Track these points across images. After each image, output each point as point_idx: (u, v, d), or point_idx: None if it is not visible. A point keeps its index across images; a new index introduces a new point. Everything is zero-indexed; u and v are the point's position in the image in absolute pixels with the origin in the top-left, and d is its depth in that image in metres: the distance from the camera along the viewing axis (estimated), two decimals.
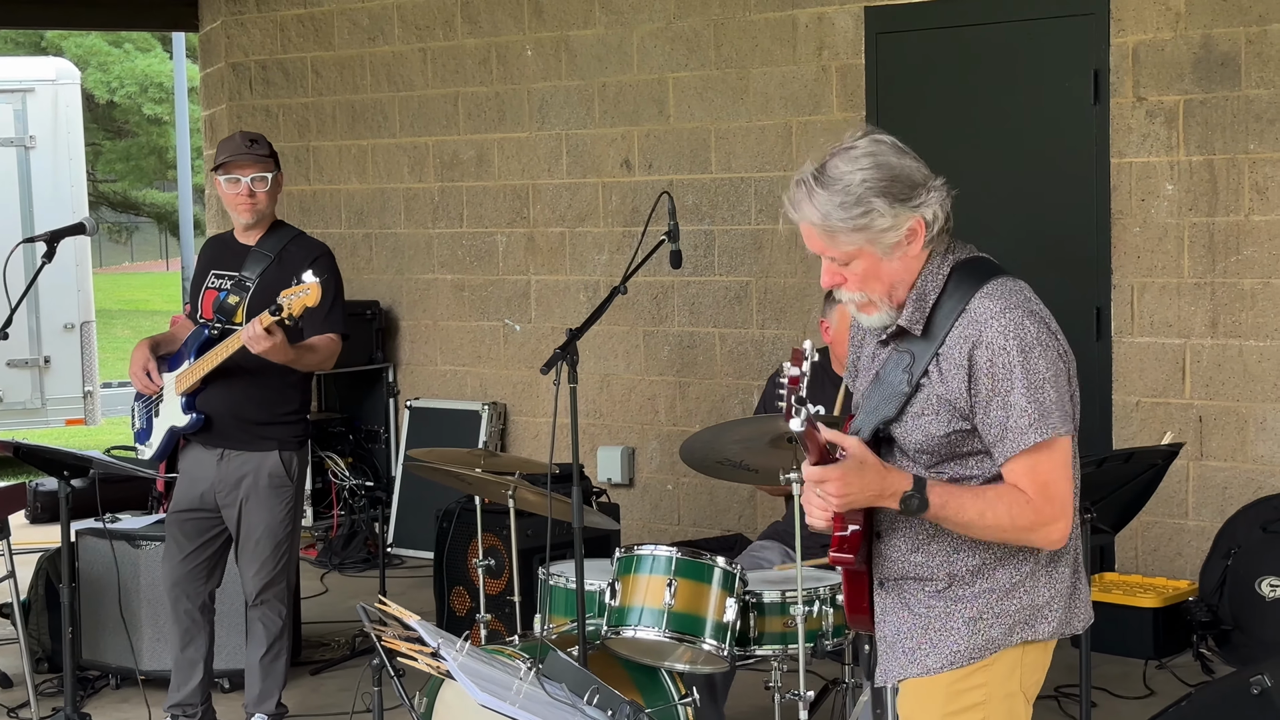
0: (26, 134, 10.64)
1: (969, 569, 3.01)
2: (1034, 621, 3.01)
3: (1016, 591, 3.00)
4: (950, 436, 2.98)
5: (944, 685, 3.01)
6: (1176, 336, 6.69)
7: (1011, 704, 3.03)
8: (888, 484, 2.90)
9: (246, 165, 5.42)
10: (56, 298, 10.26)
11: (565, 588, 4.86)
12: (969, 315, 2.94)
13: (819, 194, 2.95)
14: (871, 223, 2.94)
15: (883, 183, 2.94)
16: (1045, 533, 2.93)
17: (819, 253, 3.03)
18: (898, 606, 3.08)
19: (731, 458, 4.80)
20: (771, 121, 7.72)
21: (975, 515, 2.90)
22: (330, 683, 6.45)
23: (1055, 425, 2.91)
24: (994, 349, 2.91)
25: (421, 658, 2.96)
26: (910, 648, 3.04)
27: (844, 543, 2.99)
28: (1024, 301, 2.97)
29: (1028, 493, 2.91)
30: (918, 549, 3.03)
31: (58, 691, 6.18)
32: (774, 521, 5.51)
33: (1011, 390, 2.90)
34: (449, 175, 8.94)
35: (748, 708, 5.56)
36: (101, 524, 6.08)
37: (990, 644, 3.00)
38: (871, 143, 2.98)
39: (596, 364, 8.23)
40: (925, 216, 2.97)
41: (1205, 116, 6.56)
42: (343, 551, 8.51)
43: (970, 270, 3.01)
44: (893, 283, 3.01)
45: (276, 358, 5.20)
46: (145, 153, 28.08)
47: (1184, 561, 6.72)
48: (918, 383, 2.98)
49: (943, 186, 3.02)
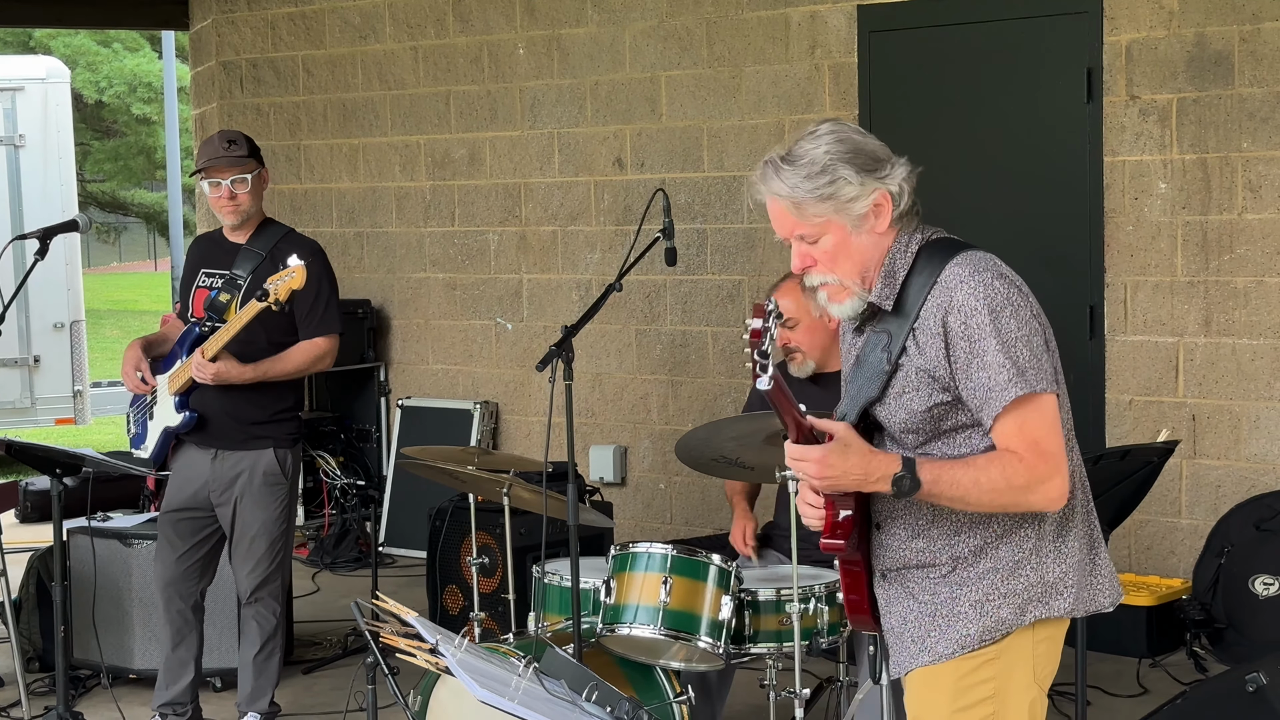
0: (16, 133, 10.60)
1: (971, 550, 2.99)
2: (1047, 598, 2.98)
3: (1022, 569, 2.98)
4: (933, 411, 2.97)
5: (951, 679, 2.99)
6: (1169, 335, 6.69)
7: (1024, 695, 3.01)
8: (873, 467, 2.88)
9: (225, 168, 5.42)
10: (46, 297, 10.23)
11: (559, 586, 4.85)
12: (940, 285, 2.96)
13: (785, 170, 2.99)
14: (838, 191, 2.96)
15: (847, 154, 2.98)
16: (1044, 491, 2.90)
17: (787, 234, 3.04)
18: (902, 596, 3.06)
19: (727, 454, 4.79)
20: (764, 120, 7.71)
21: (970, 484, 2.88)
22: (322, 681, 6.43)
23: (1032, 382, 2.90)
24: (965, 311, 2.92)
25: (420, 654, 2.94)
26: (919, 635, 3.02)
27: (836, 528, 2.95)
28: (993, 266, 2.99)
29: (1019, 452, 2.89)
30: (919, 535, 3.02)
31: (49, 691, 6.16)
32: (766, 523, 5.49)
33: (987, 351, 2.90)
34: (440, 174, 8.92)
35: (742, 706, 5.55)
36: (88, 522, 6.05)
37: (1000, 624, 2.97)
38: (834, 124, 3.04)
39: (589, 363, 8.21)
40: (891, 189, 3.00)
41: (1198, 115, 6.57)
42: (334, 550, 8.50)
43: (939, 247, 3.03)
44: (863, 262, 3.02)
45: (234, 380, 5.24)
46: (134, 153, 28.03)
47: (1177, 560, 6.73)
48: (897, 361, 2.97)
49: (907, 165, 3.02)
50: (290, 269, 5.11)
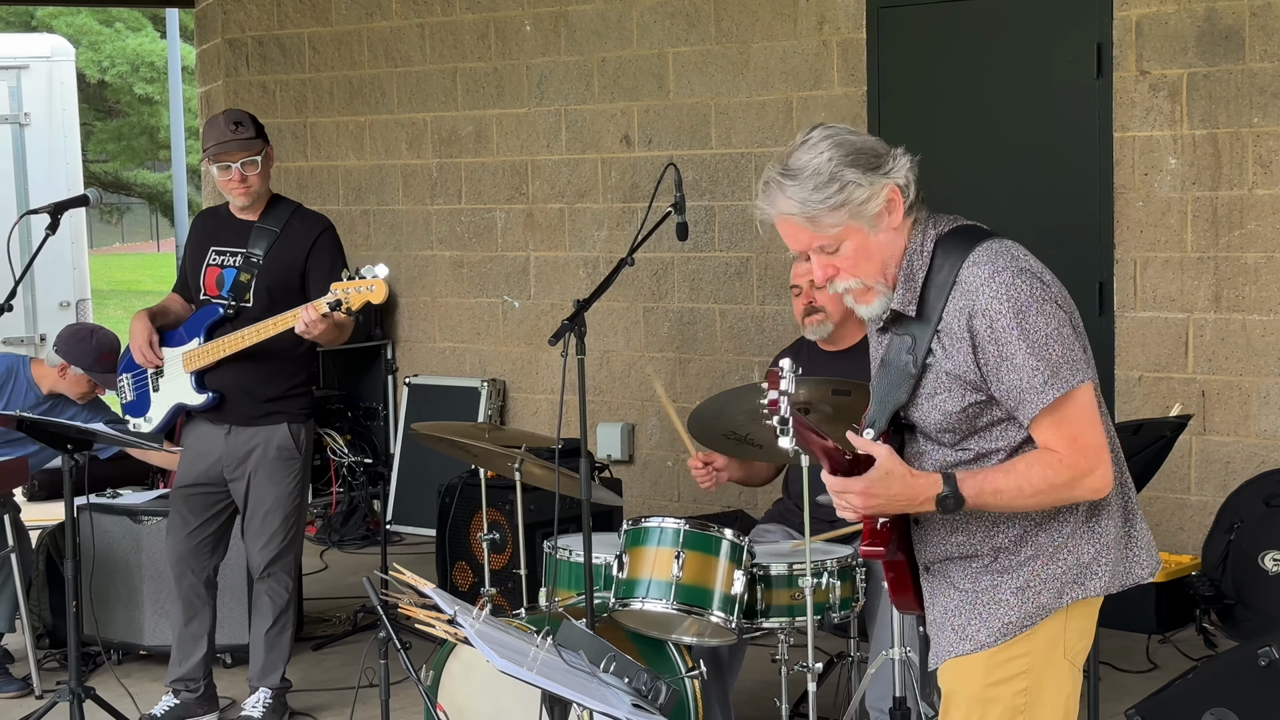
0: (21, 111, 10.58)
1: (1012, 539, 2.99)
2: (1083, 579, 2.99)
3: (1061, 553, 2.98)
4: (967, 410, 2.96)
5: (984, 657, 2.99)
6: (1179, 311, 6.68)
7: (1057, 671, 3.01)
8: (916, 491, 2.89)
9: (234, 152, 5.39)
10: (52, 275, 10.22)
11: (570, 561, 4.85)
12: (960, 287, 2.93)
13: (790, 186, 2.95)
14: (850, 195, 2.93)
15: (848, 157, 2.94)
16: (1087, 484, 2.91)
17: (804, 248, 3.00)
18: (945, 588, 3.06)
19: (738, 430, 4.79)
20: (772, 97, 7.69)
21: (1014, 491, 2.89)
22: (332, 658, 6.44)
23: (1068, 379, 2.89)
24: (990, 315, 2.89)
25: (439, 624, 2.94)
26: (960, 624, 3.03)
27: (875, 537, 2.99)
28: (1011, 261, 2.95)
29: (1058, 450, 2.89)
30: (957, 529, 3.02)
31: (59, 667, 6.18)
32: (777, 500, 5.49)
33: (1016, 354, 2.89)
34: (447, 151, 8.91)
35: (753, 682, 5.56)
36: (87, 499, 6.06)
37: (1041, 610, 2.98)
38: (825, 130, 2.99)
39: (596, 340, 8.20)
40: (898, 182, 2.97)
41: (1209, 90, 6.55)
42: (342, 528, 8.51)
43: (955, 240, 2.99)
44: (883, 259, 2.99)
45: (326, 339, 5.23)
46: (137, 133, 27.98)
47: (1186, 536, 6.72)
48: (924, 363, 2.96)
49: (906, 154, 3.00)
50: (369, 281, 5.07)
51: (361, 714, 5.00)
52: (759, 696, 5.46)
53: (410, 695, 5.30)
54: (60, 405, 6.24)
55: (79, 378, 6.16)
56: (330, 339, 5.28)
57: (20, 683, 6.02)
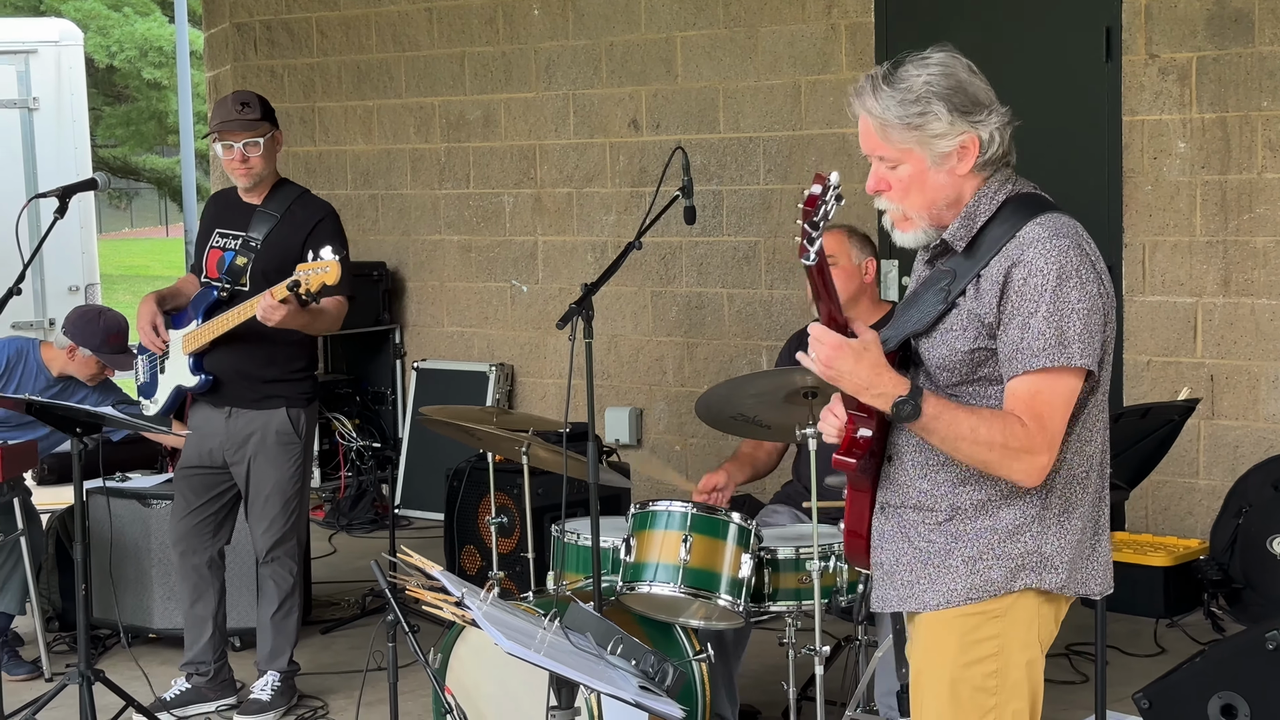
0: (30, 96, 10.56)
1: (973, 503, 2.97)
2: (1041, 569, 2.97)
3: (1021, 535, 2.97)
4: (974, 354, 2.95)
5: (958, 634, 2.99)
6: (1188, 295, 6.67)
7: (1028, 653, 3.01)
8: (879, 381, 2.85)
9: (237, 132, 5.39)
10: (61, 260, 10.20)
11: (578, 545, 4.85)
12: (1017, 240, 2.93)
13: (883, 90, 2.97)
14: (926, 124, 2.94)
15: (946, 90, 2.95)
16: (1028, 462, 2.88)
17: (868, 152, 3.01)
18: (896, 536, 3.05)
19: (746, 412, 4.79)
20: (780, 81, 7.68)
21: (968, 430, 2.86)
22: (341, 641, 6.45)
23: (1073, 355, 2.88)
24: (1031, 269, 2.89)
25: (447, 607, 2.95)
26: (909, 580, 3.02)
27: (853, 445, 2.95)
28: (1074, 234, 2.96)
29: (1023, 418, 2.88)
30: (925, 475, 3.00)
31: (69, 650, 6.20)
32: (785, 483, 5.50)
33: (1036, 313, 2.88)
34: (455, 136, 8.90)
35: (760, 665, 5.56)
36: (103, 483, 6.08)
37: (989, 585, 2.96)
38: (947, 56, 3.01)
39: (604, 325, 8.20)
40: (981, 135, 2.97)
41: (1218, 74, 6.53)
42: (350, 512, 8.52)
43: (1026, 202, 3.00)
44: (934, 199, 3.00)
45: (290, 325, 5.21)
46: (145, 118, 27.97)
47: (1195, 520, 6.72)
48: (954, 300, 2.96)
49: (1007, 114, 3.00)
50: (324, 262, 5.05)
51: (369, 697, 5.01)
52: (766, 680, 5.47)
53: (418, 678, 5.31)
54: (71, 387, 6.25)
55: (88, 359, 6.17)
56: (299, 325, 5.26)
57: (30, 665, 6.03)
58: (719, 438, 7.09)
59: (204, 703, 5.61)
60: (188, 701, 5.57)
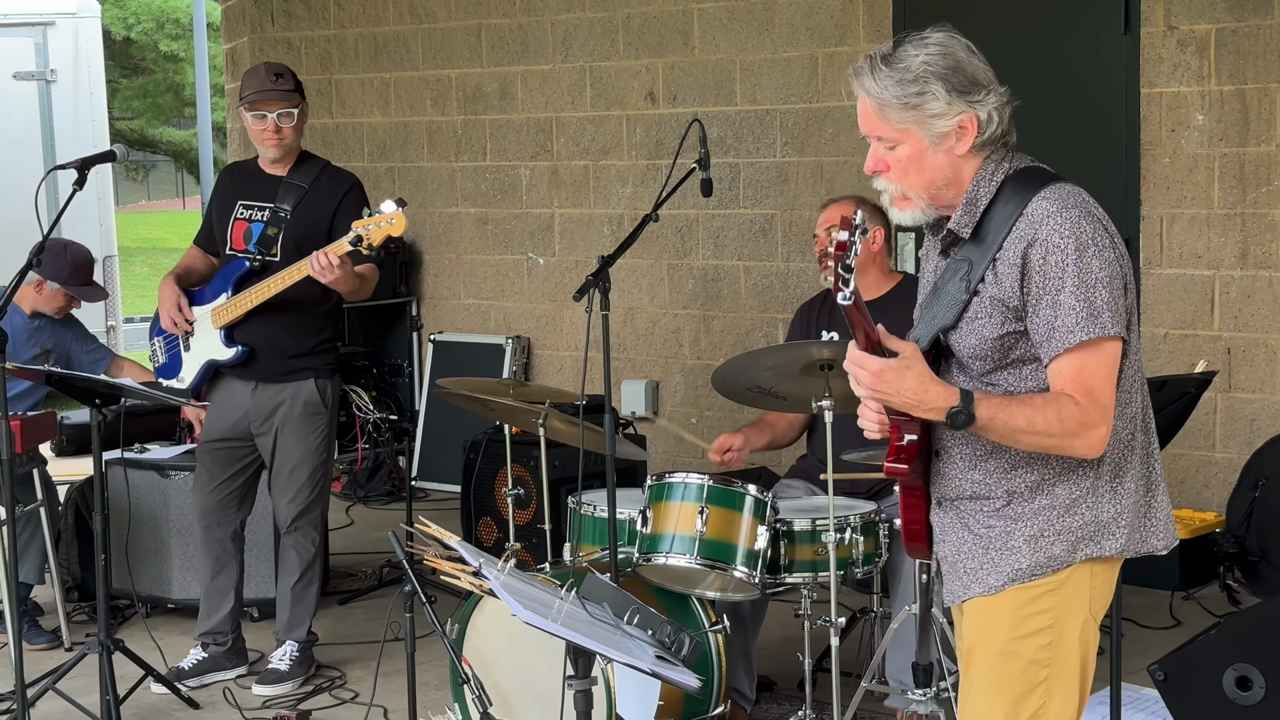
0: (48, 68, 10.59)
1: (1028, 485, 2.99)
2: (1099, 538, 2.98)
3: (1078, 507, 2.98)
4: (1003, 340, 2.96)
5: (1011, 608, 2.99)
6: (1205, 268, 6.66)
7: (1081, 626, 3.01)
8: (928, 395, 2.86)
9: (272, 101, 5.41)
10: (79, 233, 10.18)
11: (595, 516, 4.87)
12: (1026, 217, 2.93)
13: (881, 70, 2.97)
14: (924, 104, 2.94)
15: (944, 70, 2.95)
16: (1088, 437, 2.89)
17: (868, 133, 3.02)
18: (957, 526, 3.07)
19: (762, 384, 4.80)
20: (797, 53, 7.66)
21: (1025, 423, 2.87)
22: (358, 612, 6.49)
23: (1106, 325, 2.88)
24: (1049, 246, 2.89)
25: (464, 577, 2.96)
26: (972, 568, 3.03)
27: (900, 452, 2.97)
28: (1082, 203, 2.95)
29: (1074, 396, 2.88)
30: (975, 466, 3.01)
31: (88, 620, 6.23)
32: (800, 456, 5.51)
33: (1062, 289, 2.88)
34: (472, 108, 8.90)
35: (776, 637, 5.58)
36: (122, 454, 6.11)
37: (1053, 561, 2.97)
38: (945, 36, 3.00)
39: (621, 297, 8.21)
40: (979, 115, 2.97)
41: (1237, 46, 6.50)
42: (367, 484, 8.55)
43: (1026, 178, 3.00)
44: (933, 179, 3.00)
45: (342, 286, 5.24)
46: (162, 90, 27.99)
47: (1211, 493, 6.72)
48: (975, 289, 2.97)
49: (1005, 94, 3.00)
50: (389, 215, 5.07)
51: (387, 667, 5.03)
52: (782, 651, 5.49)
53: (436, 649, 5.34)
54: (48, 327, 6.23)
55: (55, 292, 6.15)
56: (350, 288, 5.28)
57: (50, 635, 6.08)
58: (735, 410, 7.10)
59: (221, 671, 5.64)
60: (205, 670, 5.61)
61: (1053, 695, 3.01)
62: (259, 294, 5.36)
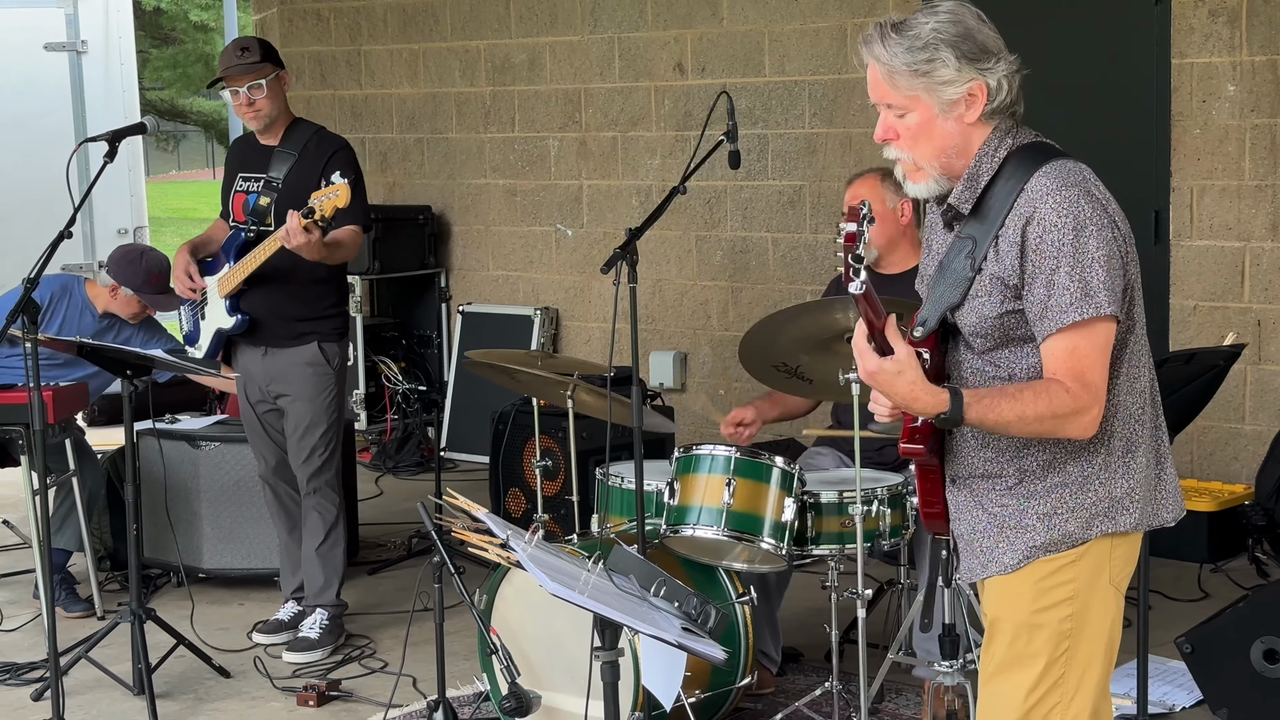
0: (78, 39, 10.60)
1: (1039, 464, 3.00)
2: (1114, 513, 2.99)
3: (1090, 484, 2.99)
4: (1003, 318, 2.96)
5: (1032, 581, 3.00)
6: (1236, 240, 6.63)
7: (1102, 596, 3.02)
8: (918, 401, 2.89)
9: (238, 77, 5.53)
10: (110, 203, 10.28)
11: (622, 488, 4.89)
12: (1026, 194, 2.94)
13: (891, 37, 2.97)
14: (934, 71, 2.94)
15: (954, 37, 2.96)
16: (1080, 421, 2.90)
17: (878, 100, 3.03)
18: (971, 505, 3.08)
19: (789, 362, 4.80)
20: (826, 24, 7.64)
21: (1014, 416, 2.89)
22: (387, 582, 6.52)
23: (1100, 305, 2.88)
24: (1046, 225, 2.89)
25: (492, 548, 2.98)
26: (988, 547, 3.04)
27: (915, 433, 3.00)
28: (1081, 181, 2.95)
29: (1064, 380, 2.89)
30: (986, 444, 3.03)
31: (120, 589, 6.29)
32: (828, 426, 5.51)
33: (1058, 268, 2.88)
34: (501, 79, 8.90)
35: (803, 608, 5.60)
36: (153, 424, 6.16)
37: (1068, 538, 2.98)
38: (956, 4, 3.01)
39: (649, 269, 8.21)
40: (989, 83, 2.97)
41: (1269, 16, 6.46)
42: (396, 455, 8.58)
43: (1029, 153, 3.00)
44: (943, 147, 3.00)
45: (310, 255, 5.33)
46: (192, 60, 28.01)
47: (1240, 466, 6.70)
48: (979, 267, 2.97)
49: (1015, 62, 3.00)
50: (335, 186, 5.21)
51: (416, 637, 5.07)
52: (809, 623, 5.51)
53: (464, 619, 5.37)
54: (117, 325, 6.31)
55: (129, 299, 6.22)
56: (318, 257, 5.35)
57: (85, 603, 6.13)
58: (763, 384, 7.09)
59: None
60: (300, 620, 5.74)
61: (1074, 665, 3.02)
62: (249, 264, 5.49)
